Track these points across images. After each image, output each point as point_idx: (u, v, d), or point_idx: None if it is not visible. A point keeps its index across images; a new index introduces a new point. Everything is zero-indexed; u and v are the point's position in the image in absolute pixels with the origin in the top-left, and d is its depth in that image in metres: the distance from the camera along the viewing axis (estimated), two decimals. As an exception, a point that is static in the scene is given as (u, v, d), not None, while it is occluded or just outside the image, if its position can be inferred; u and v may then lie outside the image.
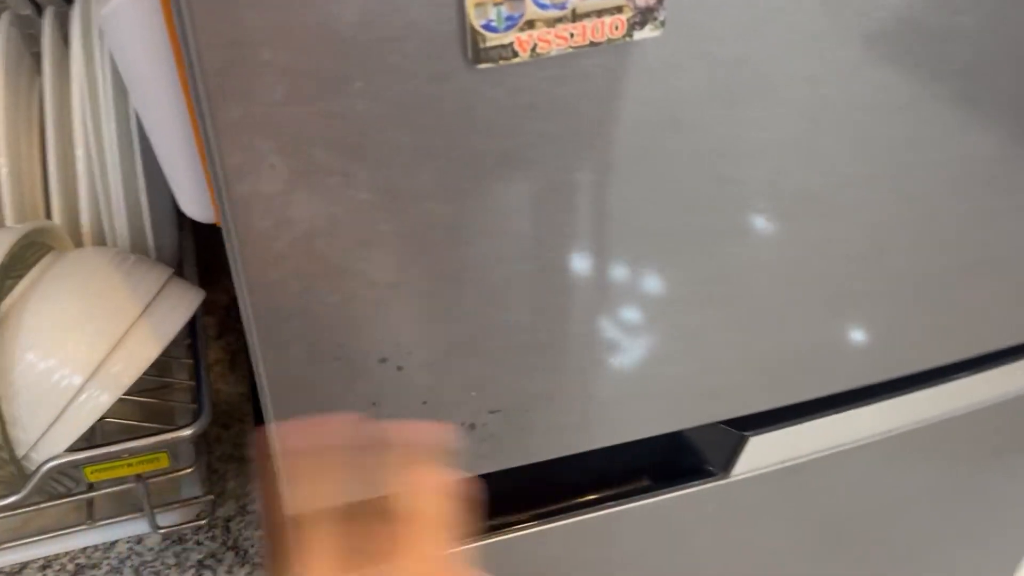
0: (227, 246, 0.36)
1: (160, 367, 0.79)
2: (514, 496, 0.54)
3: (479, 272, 0.39)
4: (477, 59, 0.32)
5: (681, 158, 0.38)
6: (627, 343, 0.45)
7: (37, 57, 0.69)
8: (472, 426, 0.45)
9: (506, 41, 0.32)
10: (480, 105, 0.34)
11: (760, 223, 0.42)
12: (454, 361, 0.42)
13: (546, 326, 0.42)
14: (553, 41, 0.32)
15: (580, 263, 0.40)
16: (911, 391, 0.54)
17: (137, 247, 0.69)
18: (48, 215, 0.69)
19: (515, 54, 0.32)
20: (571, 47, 0.33)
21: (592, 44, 0.33)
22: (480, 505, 0.53)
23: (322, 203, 0.35)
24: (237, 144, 0.32)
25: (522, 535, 0.52)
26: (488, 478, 0.48)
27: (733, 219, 0.42)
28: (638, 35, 0.33)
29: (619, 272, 0.42)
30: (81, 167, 0.67)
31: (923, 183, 0.44)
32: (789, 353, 0.49)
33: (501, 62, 0.32)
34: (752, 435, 0.52)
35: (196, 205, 0.47)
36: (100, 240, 0.68)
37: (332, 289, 0.37)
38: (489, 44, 0.32)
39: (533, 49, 0.32)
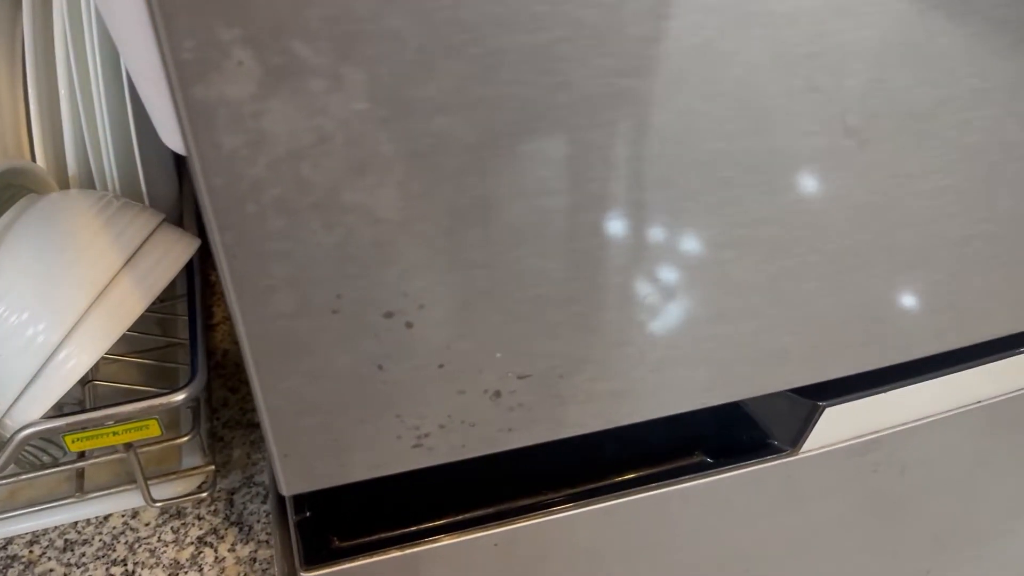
0: (191, 171, 0.29)
1: (164, 325, 0.73)
2: (548, 473, 0.47)
3: (503, 207, 0.32)
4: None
5: (758, 59, 0.31)
6: (679, 296, 0.37)
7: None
8: (497, 394, 0.38)
9: None
10: (506, -16, 0.26)
11: (847, 145, 0.34)
12: (474, 316, 0.35)
13: (582, 274, 0.35)
14: None
15: (622, 195, 0.33)
16: (1016, 353, 0.47)
17: (130, 193, 0.63)
18: (33, 159, 0.63)
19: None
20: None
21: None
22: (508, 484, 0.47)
23: (307, 114, 0.27)
24: (191, 31, 0.25)
25: (556, 518, 0.46)
26: (518, 452, 0.41)
27: (814, 140, 0.34)
28: None
29: (669, 207, 0.34)
30: (65, 106, 0.61)
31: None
32: (875, 309, 0.41)
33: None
34: (828, 405, 0.44)
35: (171, 131, 0.40)
36: (88, 185, 0.62)
37: (324, 226, 0.30)
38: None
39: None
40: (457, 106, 0.28)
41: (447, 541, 0.43)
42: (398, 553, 0.42)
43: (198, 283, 0.61)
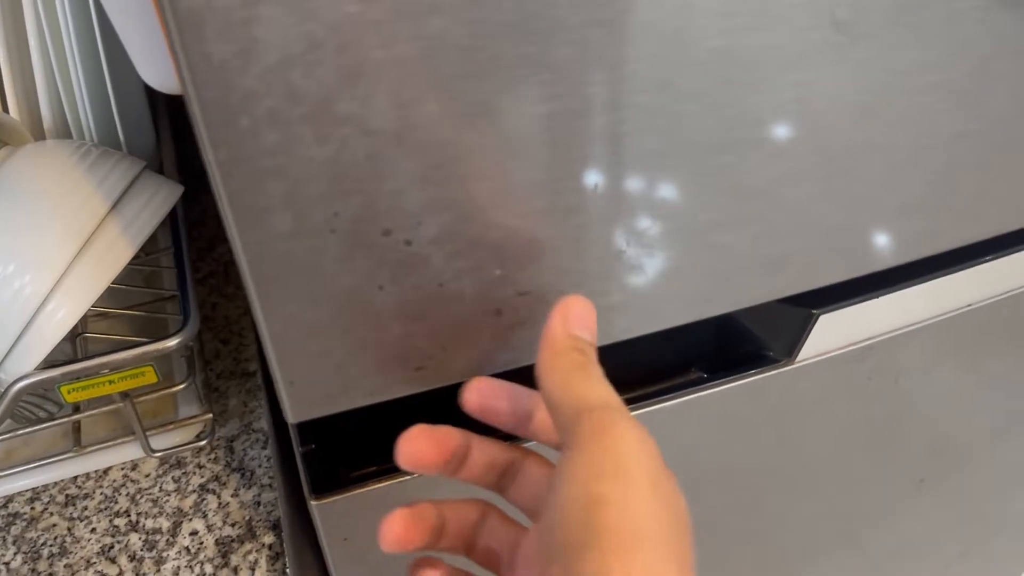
0: (181, 87, 0.28)
1: (149, 279, 0.72)
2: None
3: (499, 113, 0.31)
4: None
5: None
6: (677, 204, 0.37)
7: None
8: (499, 312, 0.38)
9: None
10: None
11: (839, 41, 0.34)
12: (473, 232, 0.34)
13: (580, 184, 0.34)
14: None
15: (620, 98, 0.32)
16: (1004, 255, 0.47)
17: (107, 143, 0.61)
18: (6, 112, 0.61)
19: None
20: None
21: None
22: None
23: (296, 17, 0.27)
24: (175, -67, 0.24)
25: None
26: (520, 374, 0.41)
27: (810, 36, 0.33)
28: None
29: (669, 110, 0.34)
30: (36, 56, 0.59)
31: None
32: (870, 212, 0.41)
33: None
34: (822, 312, 0.45)
35: (152, 66, 0.39)
36: (64, 136, 0.61)
37: (317, 140, 0.30)
38: None
39: None
40: (450, 5, 0.28)
41: (453, 465, 0.43)
42: (407, 477, 0.42)
43: (183, 232, 0.60)
